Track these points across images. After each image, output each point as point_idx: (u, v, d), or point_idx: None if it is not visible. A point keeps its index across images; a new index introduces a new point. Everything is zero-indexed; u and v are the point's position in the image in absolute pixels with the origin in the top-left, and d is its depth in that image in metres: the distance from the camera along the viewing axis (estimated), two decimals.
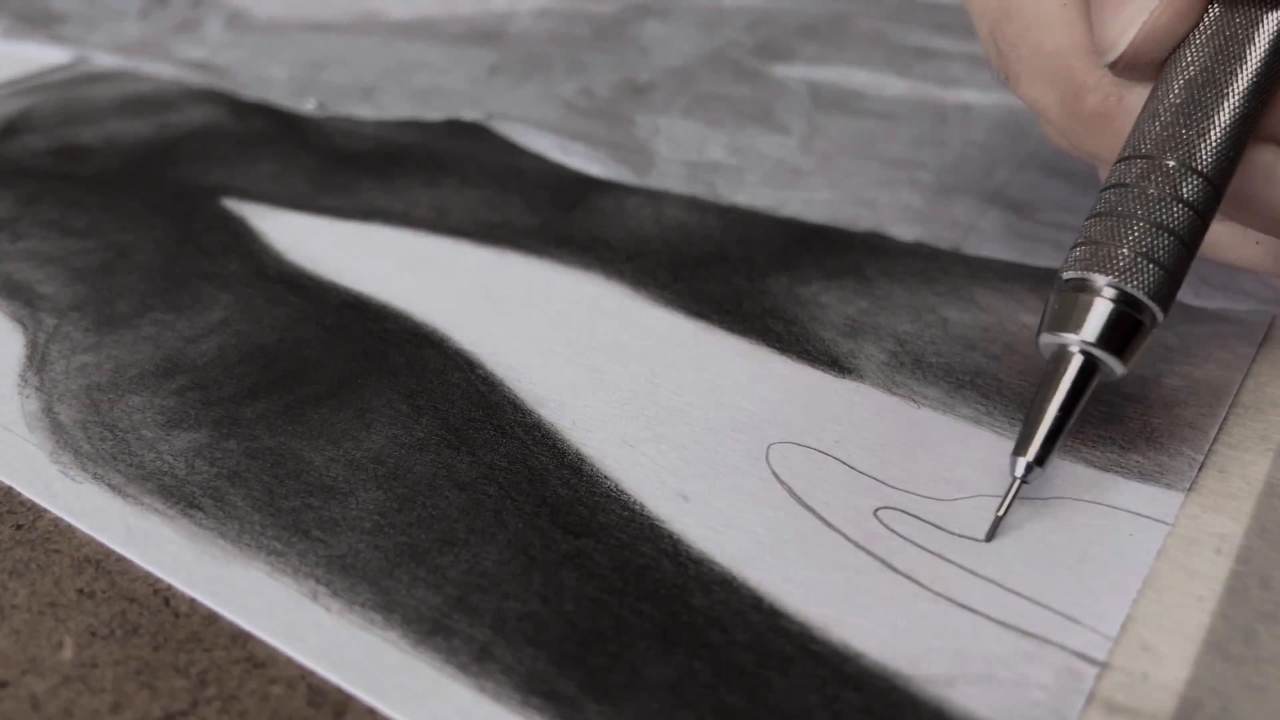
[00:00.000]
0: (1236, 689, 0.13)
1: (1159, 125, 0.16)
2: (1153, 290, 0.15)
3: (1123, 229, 0.15)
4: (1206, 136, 0.15)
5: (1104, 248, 0.15)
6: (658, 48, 0.39)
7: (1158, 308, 0.15)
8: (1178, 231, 0.15)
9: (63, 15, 0.44)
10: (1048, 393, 0.16)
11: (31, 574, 0.16)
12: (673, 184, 0.28)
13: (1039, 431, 0.16)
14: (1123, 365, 0.15)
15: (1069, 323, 0.15)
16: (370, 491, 0.17)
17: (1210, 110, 0.16)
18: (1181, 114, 0.16)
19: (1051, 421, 0.16)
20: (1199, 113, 0.16)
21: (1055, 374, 0.16)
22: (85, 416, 0.19)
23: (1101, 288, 0.15)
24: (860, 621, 0.14)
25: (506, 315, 0.22)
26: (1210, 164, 0.15)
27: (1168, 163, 0.15)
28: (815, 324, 0.21)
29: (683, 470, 0.17)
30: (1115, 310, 0.15)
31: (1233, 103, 0.16)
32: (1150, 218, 0.15)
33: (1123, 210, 0.16)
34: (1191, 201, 0.15)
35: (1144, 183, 0.16)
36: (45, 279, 0.24)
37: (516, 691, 0.14)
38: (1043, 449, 0.16)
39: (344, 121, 0.33)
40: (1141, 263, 0.15)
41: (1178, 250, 0.15)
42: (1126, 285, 0.15)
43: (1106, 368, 0.16)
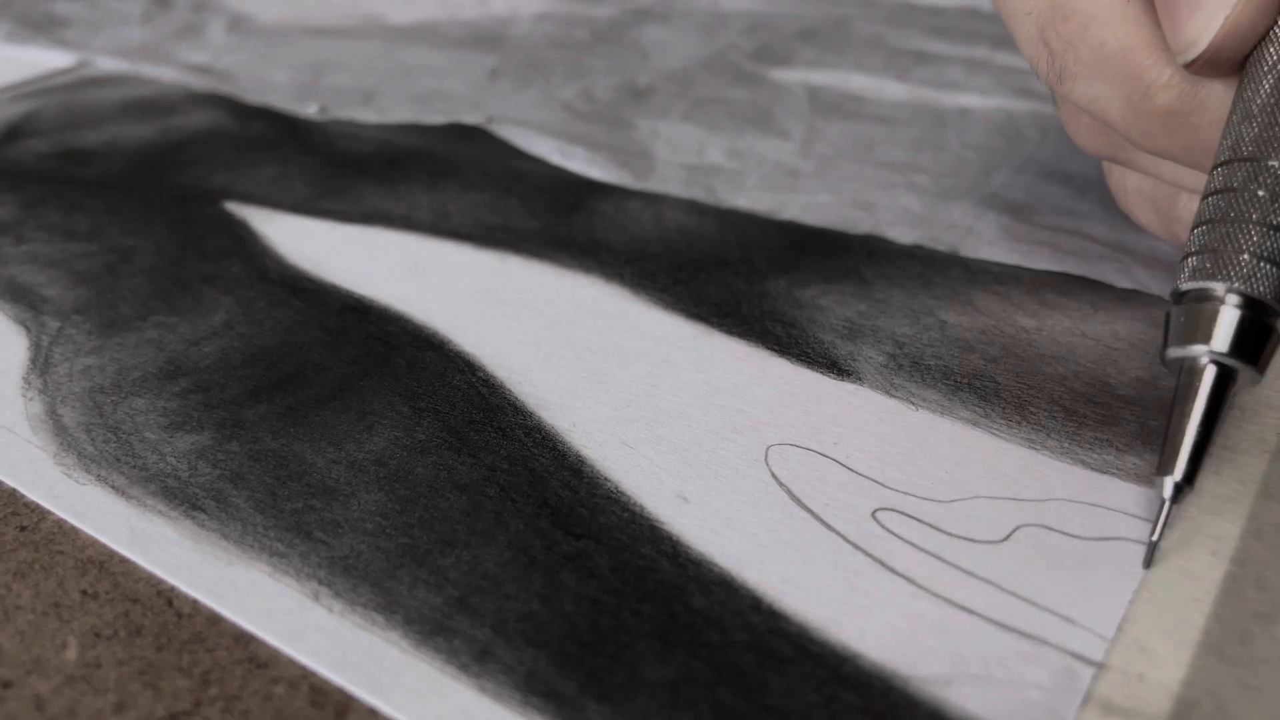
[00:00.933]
0: (1232, 689, 0.13)
1: (1257, 126, 0.15)
2: (1275, 291, 0.15)
3: (1238, 234, 0.15)
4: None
5: (1221, 255, 0.15)
6: (657, 51, 0.39)
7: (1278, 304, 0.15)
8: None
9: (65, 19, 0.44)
10: (1186, 408, 0.15)
11: (35, 575, 0.16)
12: (672, 187, 0.28)
13: (1183, 449, 0.15)
14: (1258, 372, 0.15)
15: (1197, 334, 0.15)
16: (372, 493, 0.17)
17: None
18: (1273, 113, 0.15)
19: (1195, 437, 0.15)
20: None
21: (1190, 388, 0.15)
22: (89, 419, 0.19)
23: (1224, 296, 0.15)
24: (858, 622, 0.15)
25: (507, 318, 0.22)
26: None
27: (1272, 163, 0.15)
28: (814, 326, 0.21)
29: (682, 472, 0.17)
30: (1243, 317, 0.15)
31: None
32: (1265, 220, 0.15)
33: (1234, 215, 0.15)
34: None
35: (1251, 185, 0.15)
36: (48, 282, 0.24)
37: (517, 691, 0.14)
38: (1189, 466, 0.15)
39: (345, 125, 0.33)
40: (1263, 266, 0.15)
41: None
42: (1252, 290, 0.15)
43: (1242, 376, 0.15)
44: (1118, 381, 0.19)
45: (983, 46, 0.38)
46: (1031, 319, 0.21)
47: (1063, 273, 0.23)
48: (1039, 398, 0.19)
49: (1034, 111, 0.32)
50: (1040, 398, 0.19)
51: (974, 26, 0.40)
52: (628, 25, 0.42)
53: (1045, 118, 0.31)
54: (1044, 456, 0.18)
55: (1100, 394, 0.19)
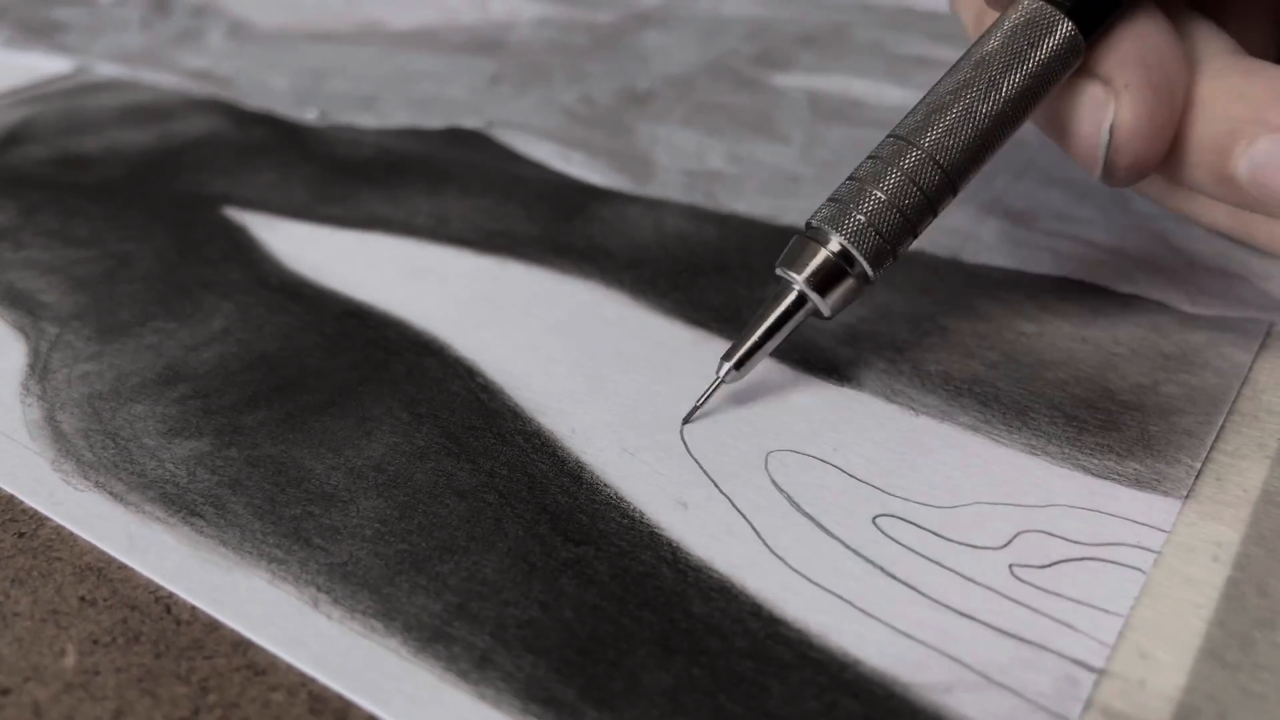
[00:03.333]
0: (1233, 696, 0.13)
1: (920, 115, 0.18)
2: (870, 255, 0.18)
3: (864, 198, 0.18)
4: (954, 137, 0.18)
5: (846, 209, 0.18)
6: (657, 57, 0.39)
7: (871, 270, 0.18)
8: (906, 211, 0.18)
9: (65, 25, 0.44)
10: (763, 314, 0.18)
11: (34, 582, 0.16)
12: (672, 192, 0.28)
13: (745, 344, 0.18)
14: (827, 308, 0.18)
15: (796, 263, 0.18)
16: (371, 499, 0.17)
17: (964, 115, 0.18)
18: (941, 110, 0.18)
19: (757, 338, 0.18)
20: (954, 114, 0.18)
21: (773, 301, 0.18)
22: (87, 425, 0.19)
23: (830, 241, 0.18)
24: (859, 629, 0.15)
25: (507, 323, 0.22)
26: (950, 162, 0.18)
27: (917, 150, 0.18)
28: (814, 332, 0.21)
29: (682, 478, 0.17)
30: (833, 263, 0.18)
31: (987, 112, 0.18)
32: (887, 193, 0.18)
33: (870, 181, 0.18)
34: (924, 188, 0.18)
35: (896, 160, 0.18)
36: (47, 288, 0.24)
37: (516, 698, 0.14)
38: (743, 358, 0.18)
39: (345, 130, 0.33)
40: (869, 231, 0.18)
41: (901, 226, 0.18)
42: (851, 246, 0.18)
43: (815, 306, 0.18)
44: (1118, 387, 0.19)
45: None
46: (1032, 324, 0.21)
47: (1063, 278, 0.23)
48: (1039, 403, 0.19)
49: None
50: (1041, 403, 0.19)
51: None
52: (628, 30, 0.42)
53: None
54: (1044, 462, 0.18)
55: (1101, 399, 0.19)
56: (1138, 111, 0.17)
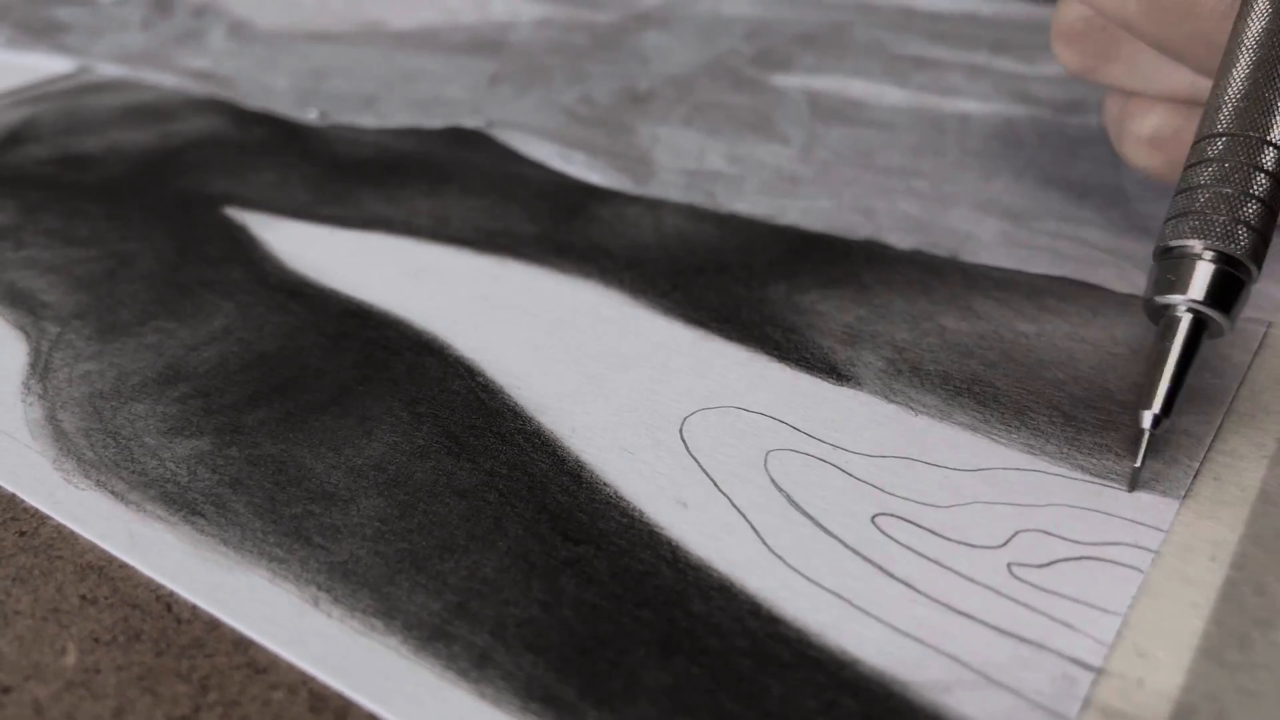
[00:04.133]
0: (1231, 695, 0.13)
1: (1232, 104, 0.17)
2: (1249, 250, 0.17)
3: (1215, 198, 0.17)
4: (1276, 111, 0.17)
5: (1200, 216, 0.17)
6: (657, 57, 0.39)
7: (1254, 266, 0.17)
8: (1262, 197, 0.17)
9: (66, 25, 0.44)
10: (1165, 350, 0.17)
11: (35, 580, 0.16)
12: (672, 192, 0.28)
13: (1161, 385, 0.17)
14: (1229, 320, 0.17)
15: (1176, 285, 0.17)
16: (371, 498, 0.17)
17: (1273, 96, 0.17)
18: (1249, 94, 0.17)
19: (1172, 375, 0.17)
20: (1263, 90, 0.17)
21: (1170, 333, 0.17)
22: (88, 424, 0.19)
23: (1202, 252, 0.17)
24: (858, 628, 0.15)
25: (507, 323, 0.22)
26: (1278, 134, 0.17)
27: (1246, 136, 0.17)
28: (813, 332, 0.21)
29: (681, 477, 0.18)
30: (1218, 271, 0.17)
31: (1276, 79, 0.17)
32: (1238, 186, 0.17)
33: (1210, 182, 0.17)
34: (1269, 170, 0.17)
35: (1227, 156, 0.17)
36: (48, 287, 0.24)
37: (516, 697, 0.14)
38: (1166, 400, 0.17)
39: (345, 130, 0.33)
40: (1236, 227, 0.17)
41: (1264, 214, 0.17)
42: (1226, 248, 0.17)
43: (1214, 325, 0.17)
44: (1117, 387, 0.19)
45: (982, 52, 0.38)
46: (1031, 324, 0.21)
47: (1062, 277, 0.23)
48: (1038, 403, 0.19)
49: (1033, 117, 0.32)
50: (1039, 403, 0.19)
51: (973, 32, 0.40)
52: (628, 30, 0.42)
53: (1044, 123, 0.31)
54: (1043, 461, 0.18)
55: (1099, 399, 0.19)
56: None
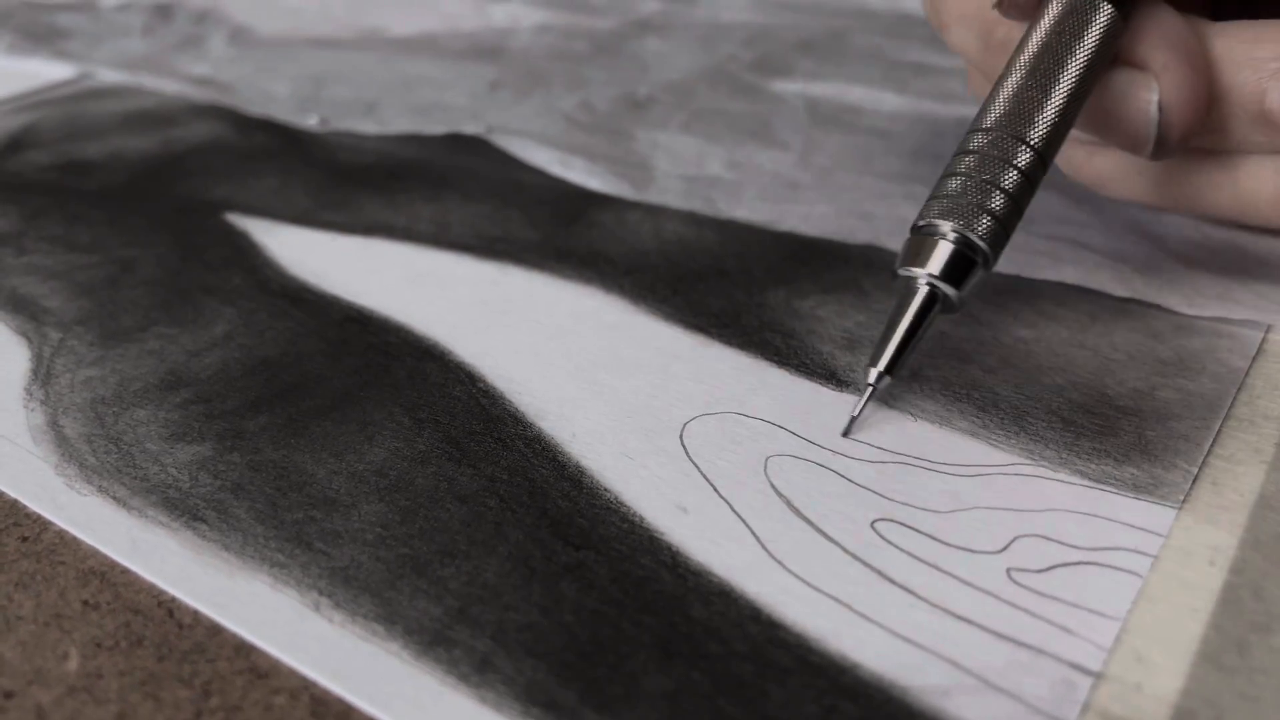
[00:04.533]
0: (1230, 699, 0.13)
1: (1001, 104, 0.19)
2: (988, 237, 0.19)
3: (967, 186, 0.19)
4: (1036, 116, 0.19)
5: (951, 200, 0.19)
6: (657, 63, 0.39)
7: (990, 250, 0.19)
8: (1009, 191, 0.19)
9: (67, 31, 0.44)
10: (898, 317, 0.19)
11: (37, 586, 0.16)
12: (672, 198, 0.28)
13: (889, 346, 0.19)
14: (959, 296, 0.19)
15: (918, 259, 0.19)
16: (372, 504, 0.17)
17: (1040, 94, 0.19)
18: (1016, 97, 0.19)
19: (900, 338, 0.19)
20: (1031, 95, 0.19)
21: (905, 302, 0.19)
22: (90, 430, 0.19)
23: (946, 233, 0.19)
24: (857, 633, 0.15)
25: (507, 329, 0.22)
26: (1038, 138, 0.19)
27: (1005, 134, 0.19)
28: (813, 337, 0.21)
29: (681, 482, 0.18)
30: (955, 251, 0.19)
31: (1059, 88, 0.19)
32: (990, 178, 0.19)
33: (967, 171, 0.19)
34: (1020, 167, 0.19)
35: (988, 150, 0.19)
36: (50, 293, 0.24)
37: (517, 702, 0.14)
38: (891, 361, 0.19)
39: (346, 137, 0.33)
40: (981, 214, 0.19)
41: (1009, 206, 0.19)
42: (967, 231, 0.19)
43: (947, 300, 0.19)
44: (1115, 392, 0.19)
45: None
46: (1029, 329, 0.21)
47: (1060, 282, 0.23)
48: (1037, 408, 0.19)
49: None
50: (1038, 408, 0.19)
51: None
52: (627, 37, 0.43)
53: None
54: (1042, 467, 0.18)
55: (1098, 404, 0.19)
56: (1179, 86, 0.19)
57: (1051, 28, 0.20)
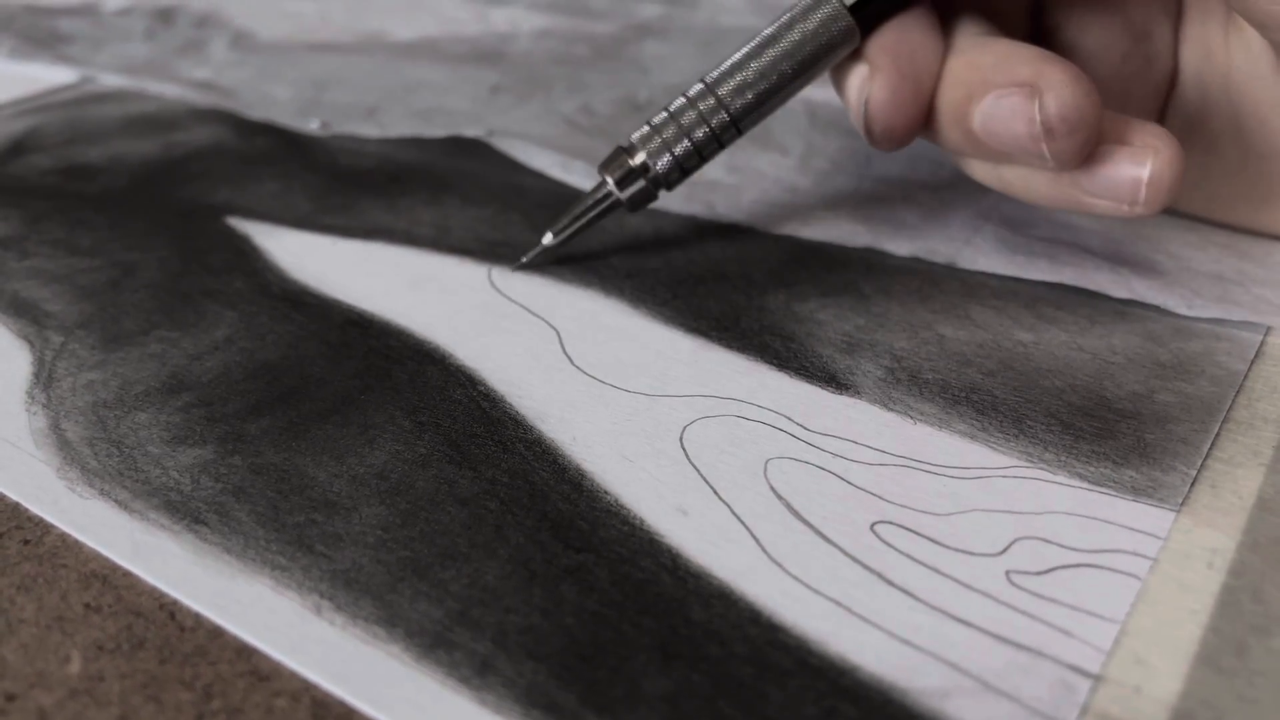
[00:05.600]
0: (1228, 701, 0.14)
1: (724, 70, 0.22)
2: (663, 171, 0.23)
3: (669, 128, 0.23)
4: (742, 90, 0.22)
5: (655, 133, 0.23)
6: (657, 67, 0.39)
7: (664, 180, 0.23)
8: (696, 143, 0.23)
9: (68, 36, 0.45)
10: (582, 201, 0.24)
11: (39, 588, 0.16)
12: (671, 202, 0.28)
13: (566, 220, 0.24)
14: (626, 201, 0.23)
15: (609, 168, 0.23)
16: (373, 507, 0.17)
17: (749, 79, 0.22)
18: (735, 69, 0.22)
19: (574, 215, 0.24)
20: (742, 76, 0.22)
21: (590, 196, 0.24)
22: (92, 433, 0.19)
23: (637, 155, 0.23)
24: (857, 635, 0.15)
25: (508, 332, 0.22)
26: (737, 109, 0.22)
27: (713, 98, 0.22)
28: (812, 340, 0.22)
29: (681, 485, 0.18)
30: (635, 170, 0.23)
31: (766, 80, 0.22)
32: (685, 127, 0.23)
33: (675, 115, 0.23)
34: (714, 127, 0.23)
35: (696, 102, 0.23)
36: (52, 297, 0.24)
37: (518, 704, 0.14)
38: (561, 231, 0.24)
39: (347, 140, 0.33)
40: (664, 152, 0.23)
41: (691, 154, 0.23)
42: (651, 161, 0.23)
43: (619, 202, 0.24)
44: (1114, 395, 0.19)
45: None
46: (1029, 332, 0.22)
47: (1059, 285, 0.23)
48: (1036, 411, 0.19)
49: None
50: (1037, 411, 0.19)
51: None
52: (628, 41, 0.43)
53: None
54: (1041, 470, 0.18)
55: (1097, 408, 0.19)
56: (884, 89, 0.21)
57: (788, 19, 0.22)
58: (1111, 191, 0.20)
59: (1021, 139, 0.20)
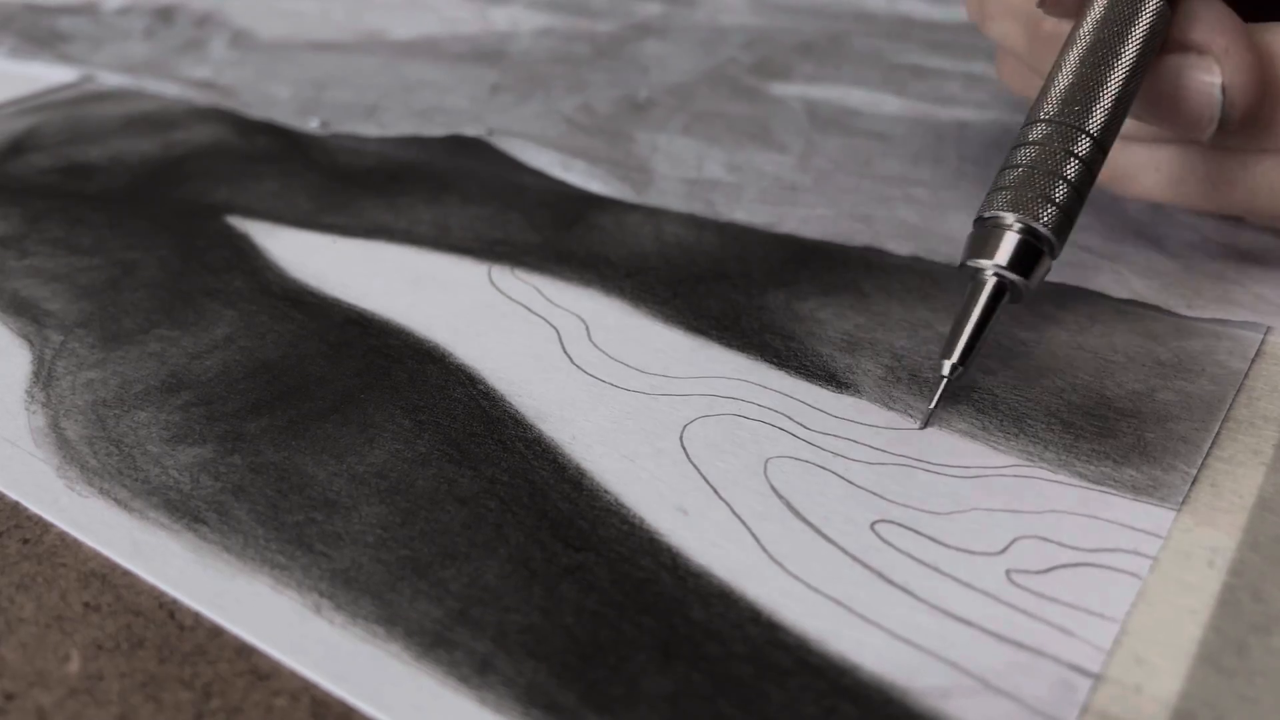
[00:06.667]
0: (1229, 701, 0.14)
1: (1057, 93, 0.20)
2: (1052, 225, 0.19)
3: (1029, 176, 0.19)
4: (1093, 105, 0.19)
5: (1013, 191, 0.19)
6: (657, 66, 0.39)
7: (1055, 239, 0.19)
8: (1070, 180, 0.19)
9: (68, 35, 0.45)
10: (969, 309, 0.19)
11: (38, 587, 0.16)
12: (671, 201, 0.28)
13: (962, 339, 0.19)
14: (1028, 285, 0.19)
15: (985, 251, 0.19)
16: (373, 506, 0.17)
17: (1096, 84, 0.20)
18: (1074, 86, 0.20)
19: (972, 329, 0.19)
20: (1087, 85, 0.20)
21: (975, 293, 0.19)
22: (91, 432, 0.19)
23: (1011, 224, 0.19)
24: (857, 634, 0.15)
25: (508, 331, 0.22)
26: (1096, 127, 0.19)
27: (1064, 123, 0.19)
28: (813, 339, 0.22)
29: (682, 484, 0.18)
30: (1021, 241, 0.19)
31: (1115, 77, 0.20)
32: (1051, 168, 0.19)
33: (1028, 162, 0.19)
34: (1081, 156, 0.19)
35: (1046, 141, 0.19)
36: (51, 296, 0.24)
37: (517, 703, 0.14)
38: (964, 352, 0.19)
39: (347, 140, 0.33)
40: (1045, 204, 0.19)
41: (1070, 195, 0.19)
42: (1031, 221, 0.19)
43: (1015, 289, 0.19)
44: (1115, 394, 0.19)
45: (980, 61, 0.38)
46: (1029, 331, 0.21)
47: (1060, 284, 0.23)
48: (1037, 410, 0.19)
49: None
50: (1037, 410, 0.19)
51: (971, 41, 0.40)
52: (628, 40, 0.43)
53: None
54: (1042, 469, 0.18)
55: (1097, 406, 0.19)
56: (1241, 68, 0.20)
57: (1102, 18, 0.20)
58: None
59: None
